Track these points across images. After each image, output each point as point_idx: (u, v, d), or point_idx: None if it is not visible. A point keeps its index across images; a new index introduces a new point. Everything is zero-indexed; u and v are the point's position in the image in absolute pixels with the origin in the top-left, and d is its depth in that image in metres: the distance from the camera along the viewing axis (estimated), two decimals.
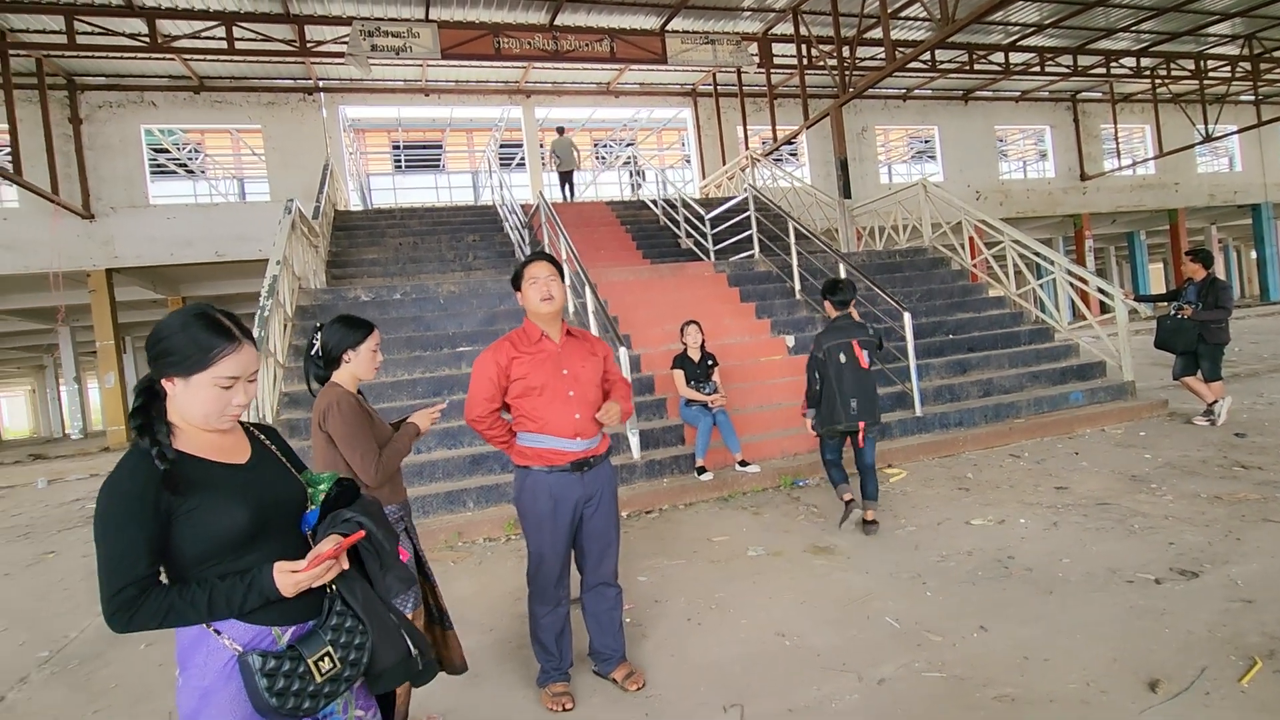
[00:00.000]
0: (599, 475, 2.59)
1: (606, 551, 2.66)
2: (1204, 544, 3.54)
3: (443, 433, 5.76)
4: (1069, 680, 2.44)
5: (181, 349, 1.30)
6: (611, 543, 2.68)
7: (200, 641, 1.30)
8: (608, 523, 2.64)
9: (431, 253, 10.09)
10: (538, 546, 2.59)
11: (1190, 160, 20.86)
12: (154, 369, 1.34)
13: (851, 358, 4.18)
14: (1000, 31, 14.10)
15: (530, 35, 11.37)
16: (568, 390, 2.52)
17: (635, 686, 2.63)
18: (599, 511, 2.60)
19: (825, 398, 4.25)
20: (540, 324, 2.58)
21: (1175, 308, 6.27)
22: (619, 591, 2.73)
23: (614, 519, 2.67)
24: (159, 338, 1.32)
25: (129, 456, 1.30)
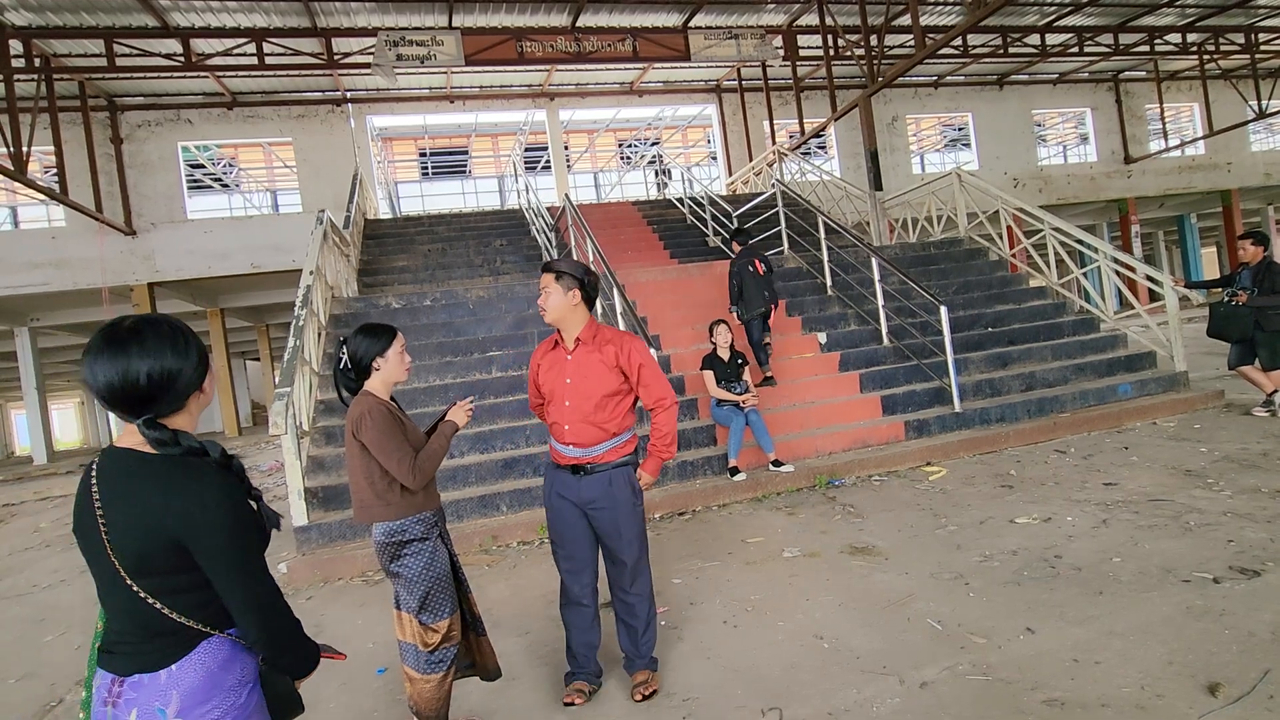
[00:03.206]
0: (597, 483, 2.54)
1: (616, 558, 2.61)
2: (1266, 541, 3.37)
3: (474, 437, 5.81)
4: (1123, 684, 2.34)
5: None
6: (622, 550, 2.58)
7: (233, 662, 1.28)
8: (614, 528, 2.56)
9: (460, 258, 10.19)
10: (552, 538, 2.69)
11: (1243, 138, 19.97)
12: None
13: (753, 269, 6.51)
14: (1035, 12, 13.69)
15: (552, 38, 11.41)
16: (565, 399, 2.56)
17: (638, 697, 2.58)
18: (601, 516, 2.57)
19: (745, 296, 6.47)
20: (558, 331, 2.64)
21: (1229, 294, 6.01)
22: (640, 600, 2.64)
23: (621, 527, 2.55)
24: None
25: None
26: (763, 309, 6.44)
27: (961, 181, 9.35)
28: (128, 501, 1.20)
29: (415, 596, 2.28)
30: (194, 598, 1.24)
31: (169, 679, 1.21)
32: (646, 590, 2.67)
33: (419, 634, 2.29)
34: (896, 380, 6.75)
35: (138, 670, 1.22)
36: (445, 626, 2.31)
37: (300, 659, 1.34)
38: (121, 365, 1.20)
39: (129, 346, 1.21)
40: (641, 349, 2.60)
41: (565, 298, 2.51)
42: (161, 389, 1.24)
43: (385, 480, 2.28)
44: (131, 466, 1.22)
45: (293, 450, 4.73)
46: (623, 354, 2.55)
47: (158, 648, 1.22)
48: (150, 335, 1.24)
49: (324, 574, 4.54)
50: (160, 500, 1.19)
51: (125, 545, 1.20)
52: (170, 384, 1.24)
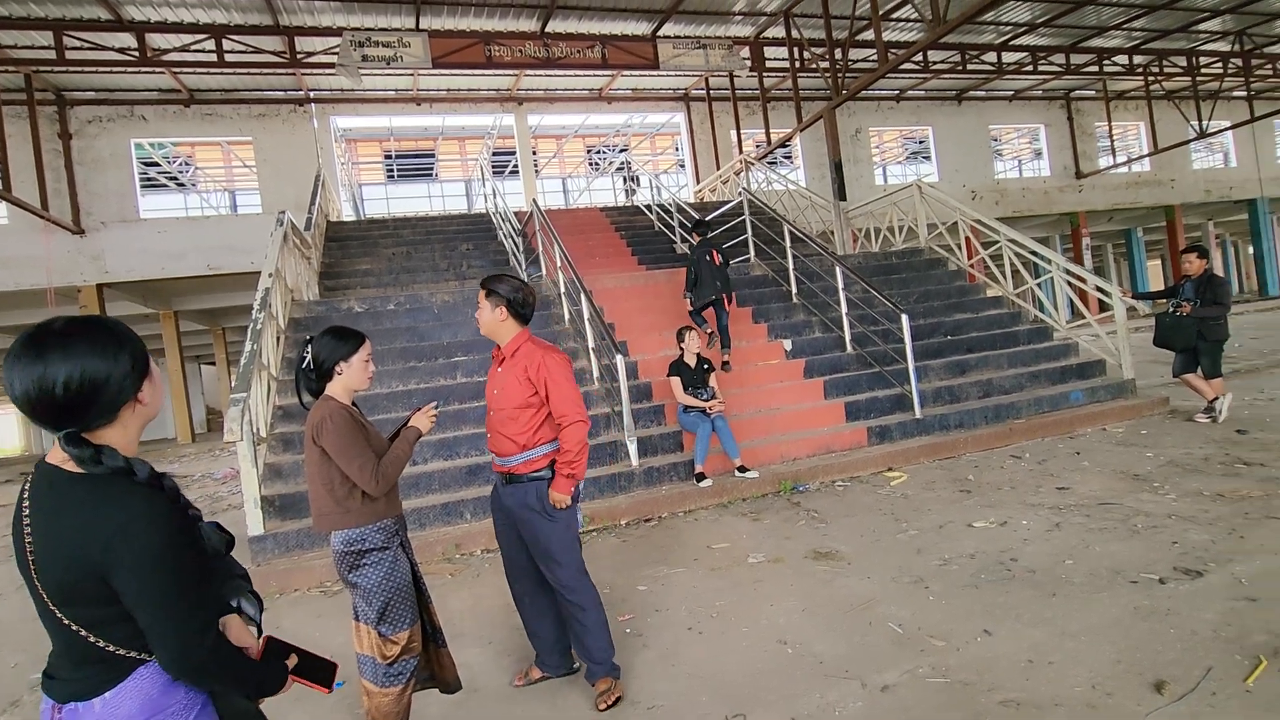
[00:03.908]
0: (516, 493, 2.63)
1: (545, 564, 2.66)
2: (1208, 542, 3.50)
3: (438, 444, 5.72)
4: (1075, 683, 2.40)
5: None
6: (542, 560, 2.65)
7: (175, 686, 1.20)
8: (533, 539, 2.63)
9: (425, 262, 10.06)
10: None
11: (1185, 156, 20.92)
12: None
13: (709, 259, 6.82)
14: (992, 31, 14.14)
15: (521, 43, 11.37)
16: (491, 409, 2.68)
17: (601, 706, 2.58)
18: (521, 526, 2.65)
19: (699, 284, 6.78)
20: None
21: (1174, 305, 6.26)
22: (578, 608, 2.65)
23: (538, 538, 2.62)
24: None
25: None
26: (714, 297, 6.75)
27: (922, 193, 9.58)
28: (50, 526, 1.10)
29: (374, 607, 2.22)
30: (128, 628, 1.14)
31: (103, 708, 1.13)
32: (583, 599, 2.64)
33: (378, 646, 2.23)
34: (859, 387, 6.87)
35: (71, 698, 1.14)
36: (405, 638, 2.26)
37: (243, 689, 1.25)
38: (38, 372, 1.07)
39: (48, 352, 1.08)
40: (555, 364, 2.57)
41: (493, 314, 2.61)
42: (83, 399, 1.10)
43: (346, 487, 2.22)
44: (56, 486, 1.12)
45: (249, 457, 4.60)
46: (532, 367, 2.56)
47: (88, 675, 1.14)
48: (77, 339, 1.11)
49: (280, 585, 4.41)
50: (79, 527, 1.08)
51: (48, 573, 1.11)
52: (94, 394, 1.11)
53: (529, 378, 2.56)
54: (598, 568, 4.18)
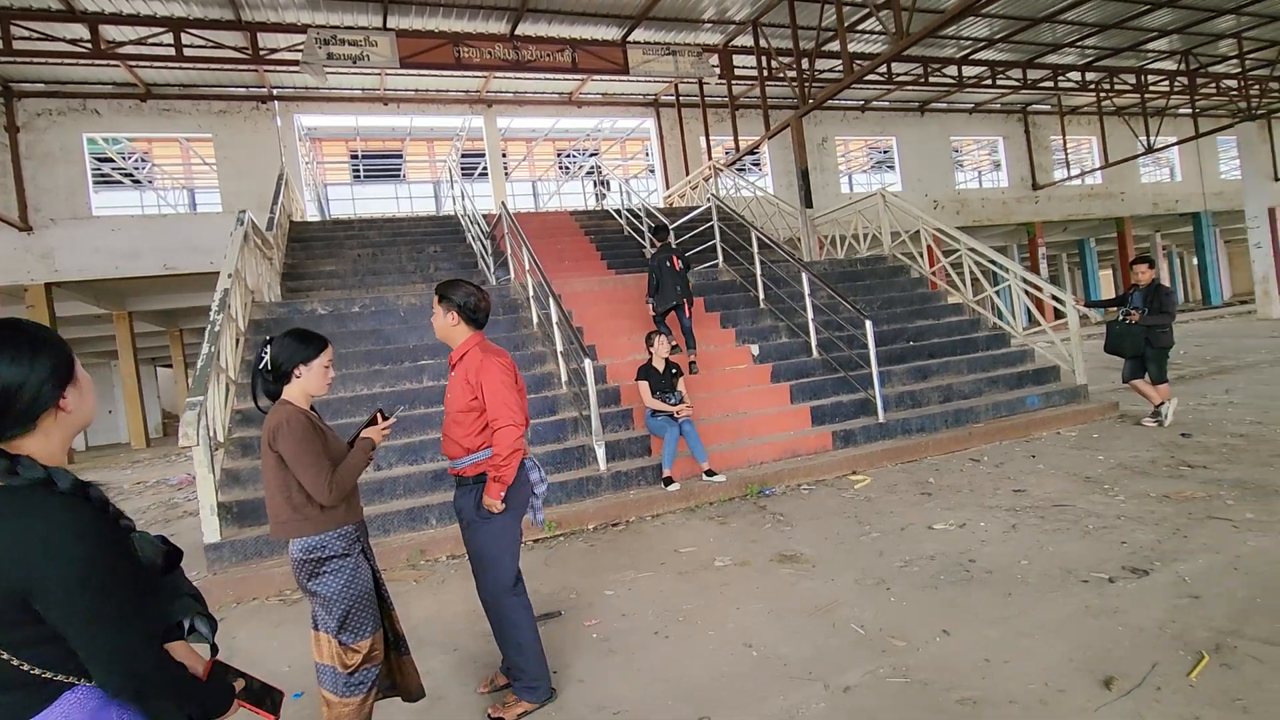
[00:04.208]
0: (461, 495, 2.67)
1: (474, 569, 2.69)
2: (1154, 542, 3.64)
3: (404, 448, 5.64)
4: (1029, 680, 2.48)
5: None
6: (475, 560, 2.67)
7: (107, 707, 1.12)
8: (469, 540, 2.67)
9: (391, 264, 9.91)
10: None
11: (1134, 171, 21.75)
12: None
13: (670, 265, 6.93)
14: (953, 45, 14.52)
15: (491, 45, 11.31)
16: (446, 412, 2.71)
17: (491, 713, 2.60)
18: (463, 528, 2.68)
19: (661, 290, 6.91)
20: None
21: (1123, 313, 6.50)
22: (494, 620, 2.66)
23: (473, 540, 2.64)
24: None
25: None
26: (675, 302, 6.91)
27: (886, 202, 9.78)
28: None
29: (334, 616, 2.18)
30: (55, 649, 1.07)
31: None
32: (503, 613, 2.63)
33: (338, 655, 2.19)
34: (825, 392, 6.97)
35: None
36: (366, 646, 2.22)
37: (186, 709, 1.20)
38: None
39: None
40: (493, 368, 2.57)
41: (445, 319, 2.66)
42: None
43: (304, 494, 2.18)
44: None
45: (205, 463, 4.47)
46: (472, 370, 2.58)
47: (9, 702, 1.06)
48: None
49: (237, 593, 4.30)
50: None
51: None
52: (7, 401, 1.06)
53: (468, 381, 2.58)
54: (565, 572, 4.17)
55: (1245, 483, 4.45)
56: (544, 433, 6.00)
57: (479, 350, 2.62)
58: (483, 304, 2.68)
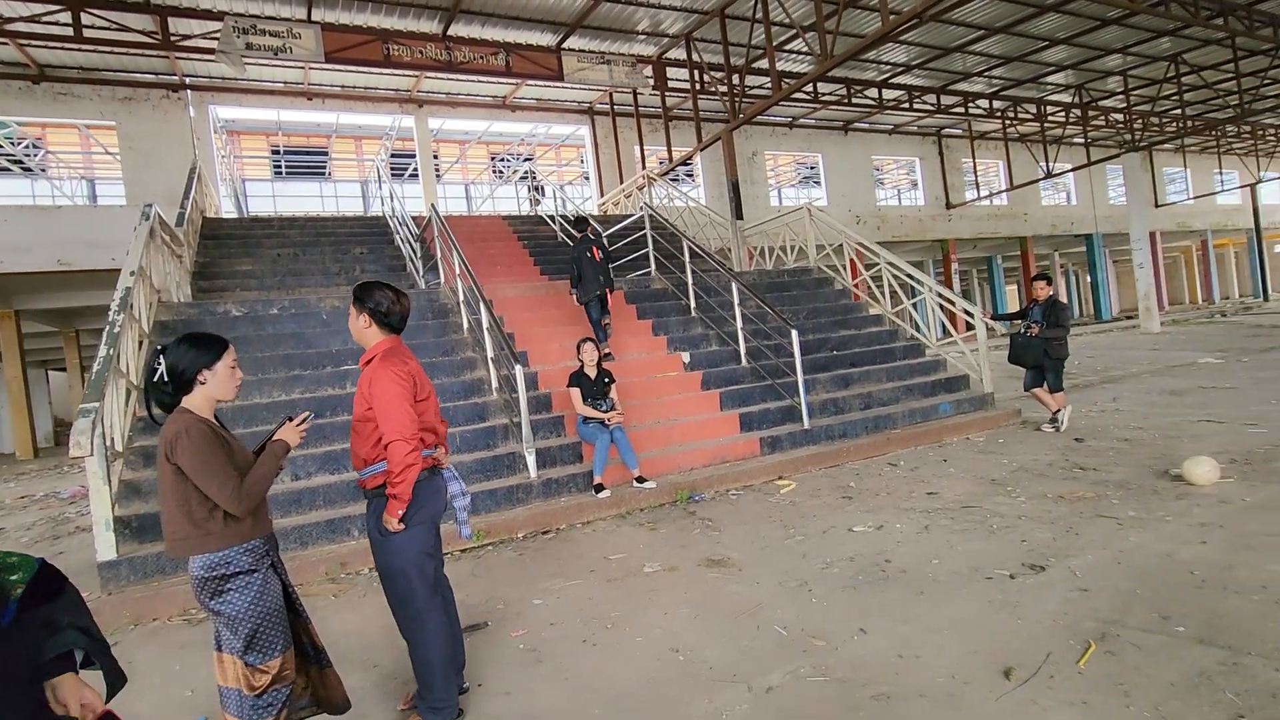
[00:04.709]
0: (367, 507, 2.59)
1: (383, 585, 2.60)
2: (1050, 540, 3.92)
3: (324, 457, 5.42)
4: (937, 674, 2.62)
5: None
6: (381, 576, 2.58)
7: None
8: (374, 554, 2.58)
9: (314, 265, 9.53)
10: None
11: (1036, 194, 23.40)
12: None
13: (590, 255, 7.19)
14: (874, 69, 15.25)
15: (422, 44, 11.07)
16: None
17: None
18: (370, 541, 2.59)
19: (583, 280, 7.17)
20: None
21: (1024, 326, 6.98)
22: (408, 640, 2.57)
23: (377, 555, 2.56)
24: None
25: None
26: (599, 292, 7.16)
27: (811, 216, 10.15)
28: None
29: (240, 635, 2.07)
30: None
31: None
32: (408, 630, 2.55)
33: (244, 676, 2.08)
34: (753, 399, 7.15)
35: None
36: (277, 665, 2.12)
37: None
38: None
39: None
40: (385, 378, 2.43)
41: (357, 321, 2.61)
42: None
43: (205, 508, 2.06)
44: None
45: (100, 474, 4.17)
46: (366, 380, 2.49)
47: None
48: None
49: (136, 614, 4.01)
50: None
51: None
52: None
53: (363, 390, 2.50)
54: (493, 582, 4.11)
55: (1129, 483, 4.85)
56: (474, 440, 5.90)
57: (380, 358, 2.52)
58: (396, 308, 2.60)
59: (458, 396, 6.39)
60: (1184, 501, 4.33)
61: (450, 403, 6.21)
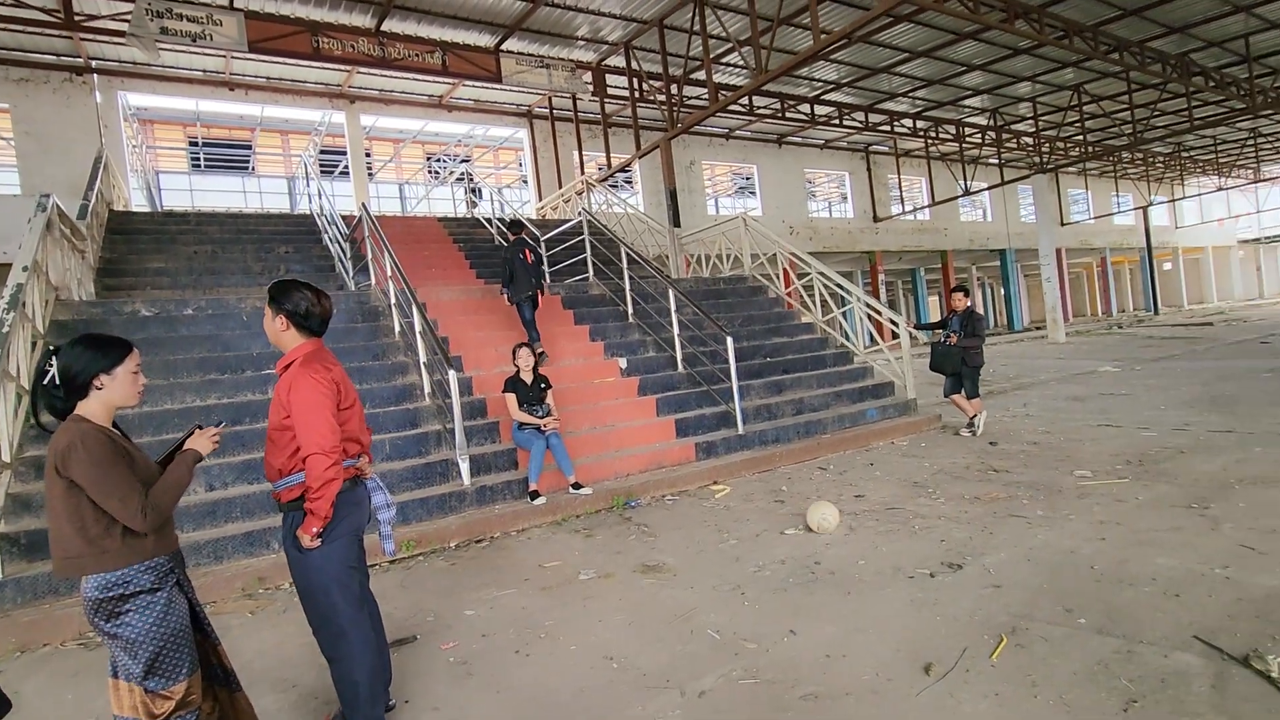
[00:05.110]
0: (283, 521, 2.43)
1: (302, 603, 2.44)
2: (967, 539, 4.12)
3: (242, 466, 5.15)
4: (863, 673, 2.71)
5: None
6: (301, 595, 2.42)
7: None
8: (291, 570, 2.42)
9: (235, 264, 9.06)
10: None
11: (956, 210, 24.66)
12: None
13: (523, 257, 7.29)
14: (807, 85, 15.75)
15: (354, 38, 10.72)
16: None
17: None
18: (287, 556, 2.42)
19: (515, 280, 7.24)
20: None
21: (944, 335, 7.34)
22: (326, 655, 2.44)
23: (295, 572, 2.40)
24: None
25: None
26: (530, 292, 7.27)
27: (747, 225, 10.38)
28: None
29: (140, 660, 1.93)
30: None
31: None
32: (330, 649, 2.41)
33: (144, 704, 1.93)
34: (689, 405, 7.23)
35: None
36: (182, 690, 1.99)
37: None
38: None
39: None
40: (305, 385, 2.29)
41: (273, 323, 2.45)
42: None
43: (101, 524, 1.91)
44: None
45: None
46: (284, 387, 2.35)
47: None
48: None
49: (23, 640, 3.69)
50: None
51: None
52: None
53: (281, 398, 2.35)
54: (423, 593, 4.00)
55: (1037, 484, 5.16)
56: (405, 447, 5.73)
57: (300, 363, 2.38)
58: (316, 309, 2.45)
59: (388, 402, 6.20)
60: (1085, 501, 4.64)
61: (380, 408, 6.02)
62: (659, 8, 11.39)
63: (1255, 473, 4.93)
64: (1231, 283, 38.09)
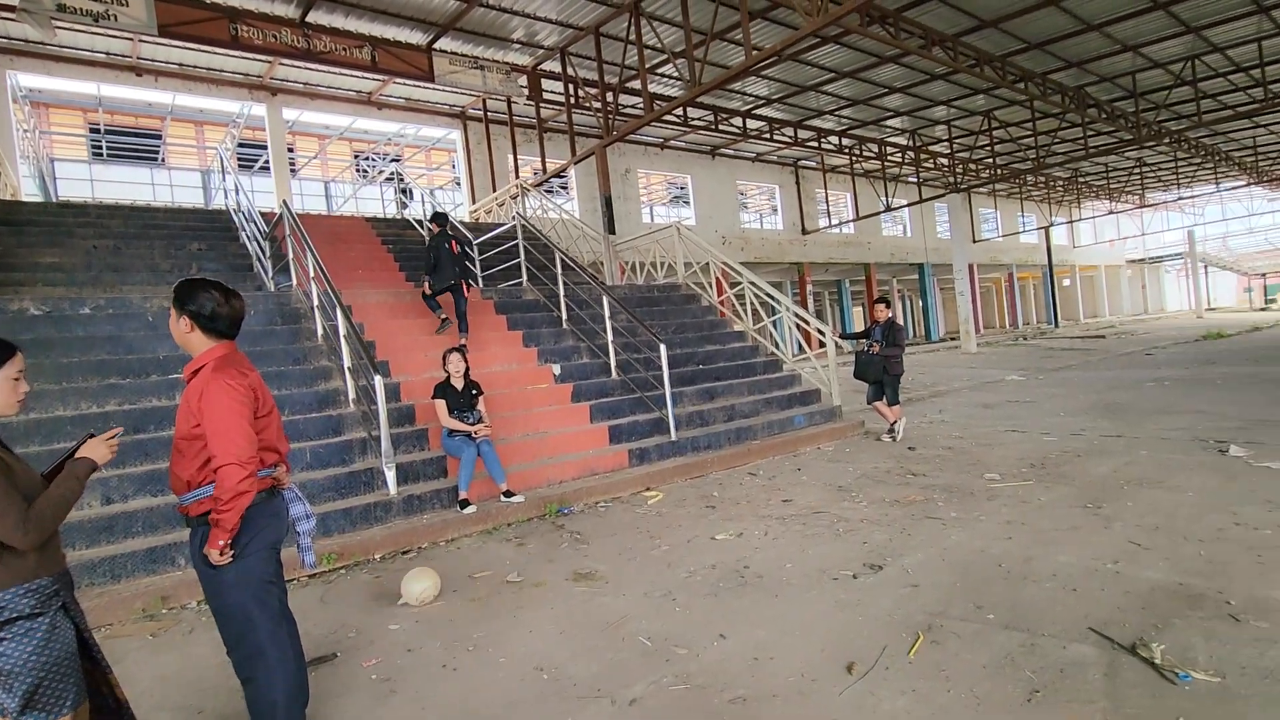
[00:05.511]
0: (191, 536, 2.31)
1: (216, 623, 2.32)
2: (887, 540, 4.30)
3: (145, 477, 4.81)
4: (789, 674, 2.78)
5: None
6: (214, 614, 2.30)
7: None
8: (204, 590, 2.29)
9: (140, 261, 8.47)
10: None
11: (878, 225, 25.81)
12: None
13: (448, 248, 7.39)
14: (739, 99, 16.14)
15: (276, 28, 10.25)
16: None
17: None
18: (198, 574, 2.30)
19: (438, 270, 7.34)
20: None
21: (867, 345, 7.66)
22: (241, 678, 2.32)
23: (206, 590, 2.27)
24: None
25: None
26: (453, 282, 7.39)
27: (680, 234, 10.53)
28: None
29: (17, 693, 1.77)
30: None
31: None
32: (246, 671, 2.29)
33: None
34: (622, 411, 7.25)
35: None
36: None
37: None
38: None
39: None
40: (218, 391, 2.19)
41: (178, 325, 2.33)
42: None
43: None
44: None
45: None
46: (194, 394, 2.23)
47: None
48: None
49: None
50: None
51: None
52: None
53: (190, 405, 2.23)
54: (344, 609, 3.84)
55: (951, 487, 5.44)
56: (327, 456, 5.50)
57: (212, 368, 2.26)
58: (224, 310, 2.31)
59: (310, 409, 5.94)
60: (994, 502, 4.92)
61: (301, 415, 5.76)
62: (595, 15, 11.43)
63: (1141, 474, 5.37)
64: (1121, 299, 41.44)
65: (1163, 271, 46.00)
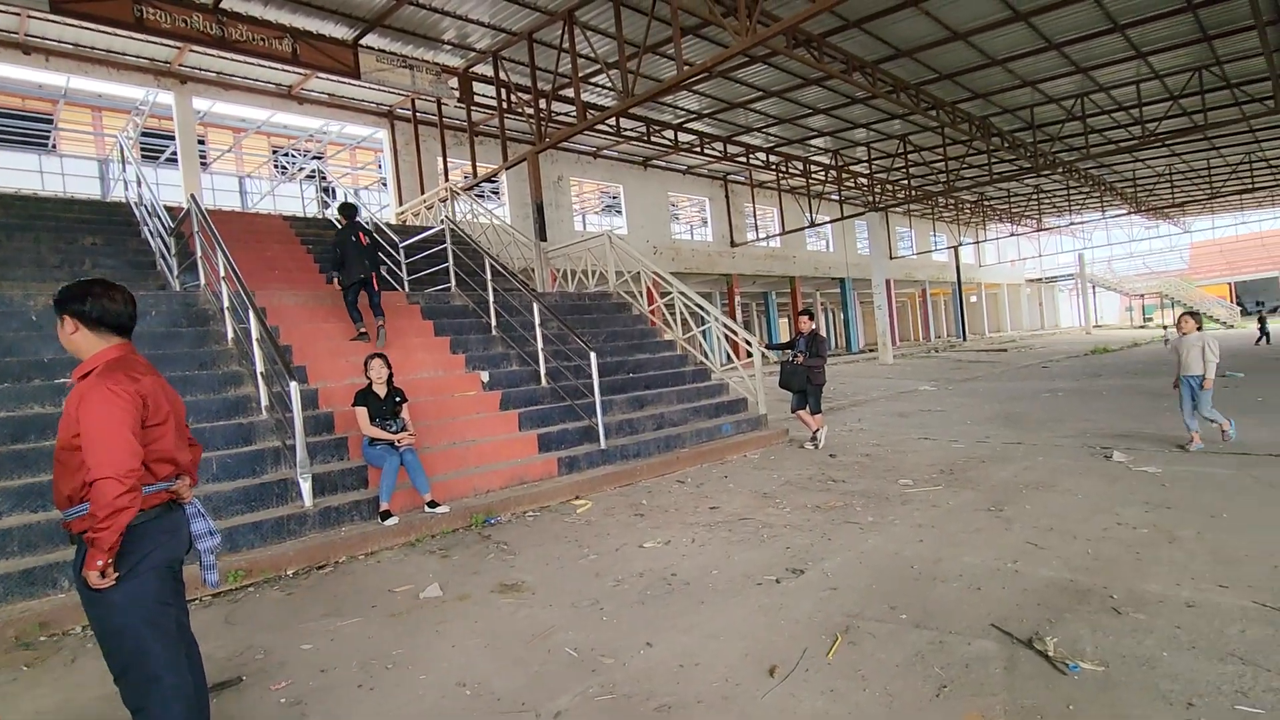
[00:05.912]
0: (75, 556, 2.13)
1: (102, 651, 2.13)
2: (808, 545, 4.44)
3: (22, 490, 4.41)
4: (714, 680, 2.82)
5: None
6: (100, 641, 2.11)
7: None
8: (87, 614, 2.10)
9: (24, 254, 7.77)
10: None
11: (802, 240, 26.71)
12: None
13: (356, 239, 7.19)
14: (671, 113, 16.39)
15: (186, 13, 9.66)
16: None
17: None
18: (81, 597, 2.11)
19: (346, 264, 7.10)
20: None
21: (791, 355, 7.91)
22: (131, 710, 2.12)
23: (89, 615, 2.09)
24: None
25: None
26: (363, 275, 7.15)
27: (612, 243, 10.57)
28: None
29: None
30: None
31: None
32: (143, 703, 2.09)
33: None
34: (552, 419, 7.19)
35: None
36: None
37: None
38: None
39: None
40: (99, 398, 2.03)
41: (64, 329, 2.17)
42: None
43: None
44: None
45: None
46: (74, 401, 2.07)
47: None
48: None
49: None
50: None
51: None
52: None
53: (70, 413, 2.07)
54: (252, 628, 3.63)
55: (868, 493, 5.67)
56: (236, 466, 5.19)
57: (99, 373, 2.09)
58: (112, 307, 2.16)
59: (217, 416, 5.59)
60: (908, 507, 5.17)
61: (208, 423, 5.41)
62: (529, 21, 11.37)
63: (1038, 479, 5.76)
64: (1022, 315, 44.47)
65: (1057, 290, 49.69)
